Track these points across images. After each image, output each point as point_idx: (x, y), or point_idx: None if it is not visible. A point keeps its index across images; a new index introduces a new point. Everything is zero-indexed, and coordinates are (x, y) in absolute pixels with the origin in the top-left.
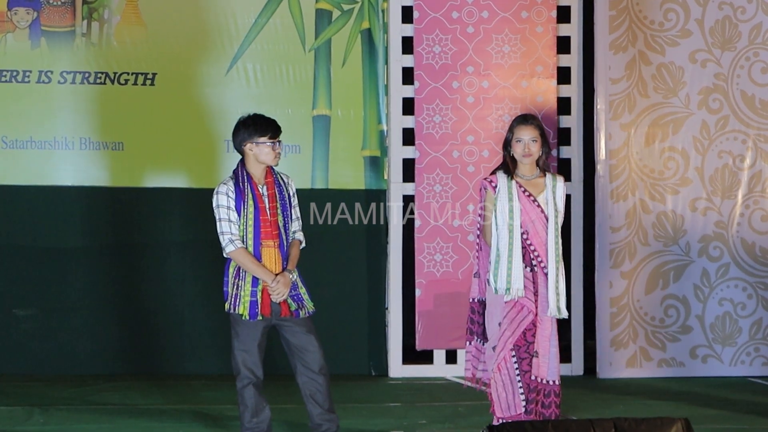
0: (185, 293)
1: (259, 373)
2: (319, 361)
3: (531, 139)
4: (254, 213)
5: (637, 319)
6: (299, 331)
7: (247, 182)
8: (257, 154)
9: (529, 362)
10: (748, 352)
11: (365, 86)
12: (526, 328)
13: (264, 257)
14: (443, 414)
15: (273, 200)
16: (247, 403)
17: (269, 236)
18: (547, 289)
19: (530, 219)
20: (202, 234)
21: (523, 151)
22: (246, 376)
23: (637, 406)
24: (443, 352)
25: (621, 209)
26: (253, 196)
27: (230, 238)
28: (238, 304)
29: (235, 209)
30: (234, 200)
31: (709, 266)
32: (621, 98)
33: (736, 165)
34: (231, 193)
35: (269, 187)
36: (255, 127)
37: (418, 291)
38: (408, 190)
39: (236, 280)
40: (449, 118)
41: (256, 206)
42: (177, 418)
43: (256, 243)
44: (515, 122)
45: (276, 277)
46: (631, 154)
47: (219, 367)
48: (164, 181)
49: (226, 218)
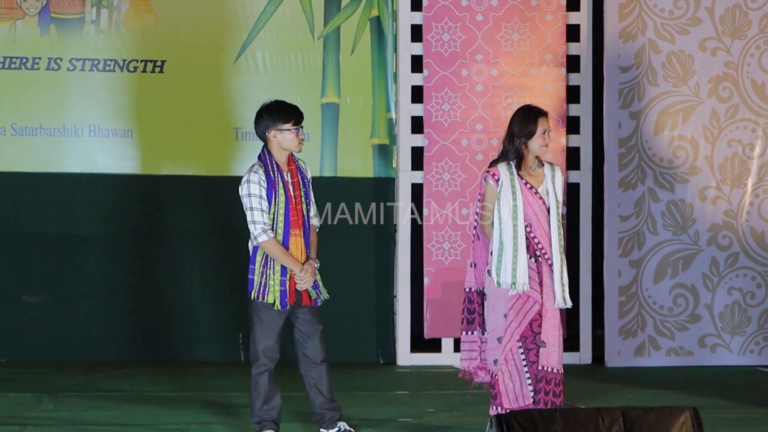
0: (194, 280)
1: (273, 362)
2: (321, 352)
3: (550, 131)
4: (285, 202)
5: (646, 308)
6: (310, 321)
7: (277, 171)
8: (281, 141)
9: (536, 353)
10: (756, 342)
11: (374, 74)
12: (533, 318)
13: (291, 246)
14: (451, 402)
15: (297, 188)
16: (260, 390)
17: (296, 225)
18: (553, 280)
19: (533, 212)
20: (211, 221)
21: (545, 143)
22: (264, 364)
23: (646, 395)
24: (451, 340)
25: (630, 198)
26: (283, 184)
27: (263, 228)
28: (267, 293)
29: (266, 198)
30: (266, 189)
31: (718, 255)
32: (630, 87)
33: (745, 154)
34: (263, 182)
35: (293, 174)
36: (278, 114)
37: (427, 279)
38: (417, 179)
39: (264, 269)
40: (458, 107)
41: (286, 195)
42: (185, 405)
43: (286, 232)
44: (537, 114)
45: (303, 266)
46: (641, 142)
47: (227, 355)
48: (173, 169)
49: (258, 207)
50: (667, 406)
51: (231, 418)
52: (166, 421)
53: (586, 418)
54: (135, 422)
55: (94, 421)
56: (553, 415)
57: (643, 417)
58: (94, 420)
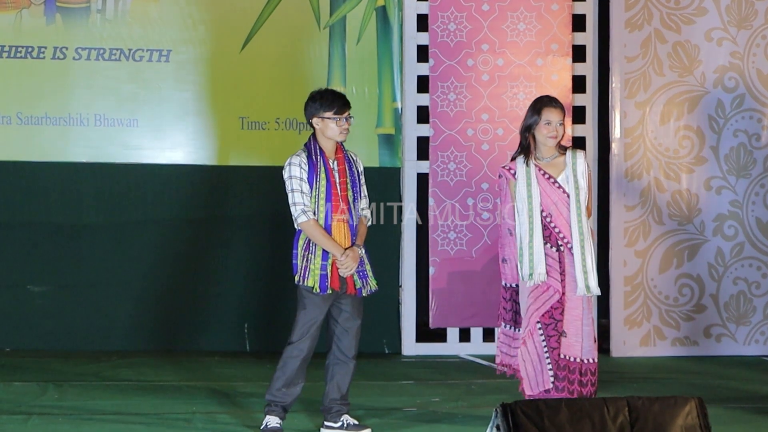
0: (199, 270)
1: (309, 349)
2: (354, 348)
3: (559, 122)
4: (326, 186)
5: (651, 298)
6: (350, 314)
7: (320, 155)
8: (323, 128)
9: (557, 339)
10: (762, 331)
11: (380, 64)
12: (553, 306)
13: (334, 231)
14: (456, 392)
15: (343, 175)
16: (285, 371)
17: (339, 210)
18: (574, 268)
19: (552, 201)
20: (217, 210)
21: (550, 134)
22: (299, 348)
23: (651, 385)
24: (456, 330)
25: (636, 188)
26: (325, 169)
27: (303, 209)
28: (308, 276)
29: (308, 181)
30: (306, 172)
31: (723, 245)
32: (636, 76)
33: (751, 144)
34: (304, 165)
35: (339, 162)
36: (321, 102)
37: (432, 269)
38: (422, 168)
39: (306, 252)
40: (464, 96)
41: (328, 180)
42: (190, 394)
43: (328, 217)
44: (542, 104)
45: (345, 252)
46: (646, 132)
47: (233, 344)
48: (179, 158)
49: (299, 189)
50: (672, 396)
51: (236, 408)
52: (171, 410)
53: (591, 407)
54: (140, 411)
55: (100, 410)
56: (558, 405)
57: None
58: (100, 409)
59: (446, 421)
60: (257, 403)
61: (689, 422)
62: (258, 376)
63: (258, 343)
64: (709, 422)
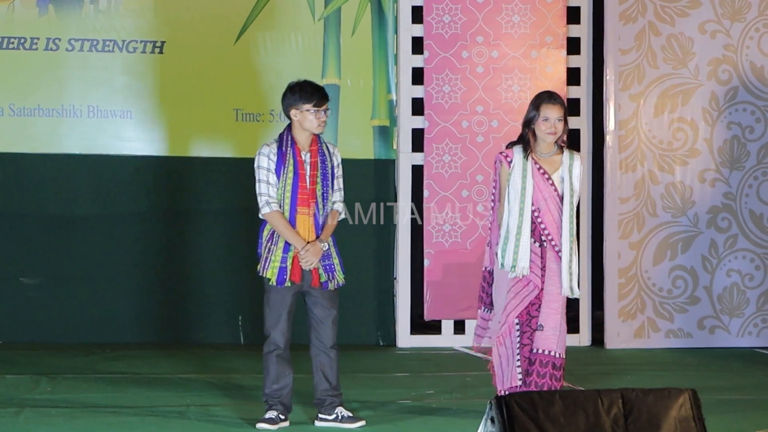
0: (193, 262)
1: (282, 341)
2: (332, 338)
3: (557, 119)
4: (293, 178)
5: (645, 290)
6: (323, 304)
7: (290, 147)
8: (301, 120)
9: (529, 336)
10: (755, 323)
11: (375, 55)
12: (531, 302)
13: (298, 224)
14: (451, 384)
15: (314, 168)
16: (269, 370)
17: (305, 203)
18: (560, 267)
19: (542, 197)
20: (211, 203)
21: (548, 130)
22: (272, 343)
23: (645, 376)
24: (451, 322)
25: (630, 180)
26: (294, 161)
27: (266, 200)
28: (267, 268)
29: (275, 172)
30: (275, 163)
31: (717, 237)
32: (630, 69)
33: (744, 136)
34: (272, 156)
35: (313, 155)
36: (300, 94)
37: (427, 261)
38: (417, 160)
39: (269, 243)
40: (458, 88)
41: (296, 172)
42: (184, 387)
43: (292, 209)
44: (541, 100)
45: (306, 245)
46: (640, 125)
47: (227, 337)
48: (173, 150)
49: (265, 180)
50: (665, 388)
51: (230, 400)
52: (165, 403)
53: (586, 399)
54: (134, 404)
55: (93, 403)
56: (552, 397)
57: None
58: (93, 402)
59: (441, 413)
60: (251, 395)
61: (683, 414)
62: (252, 368)
63: (252, 336)
64: (702, 414)
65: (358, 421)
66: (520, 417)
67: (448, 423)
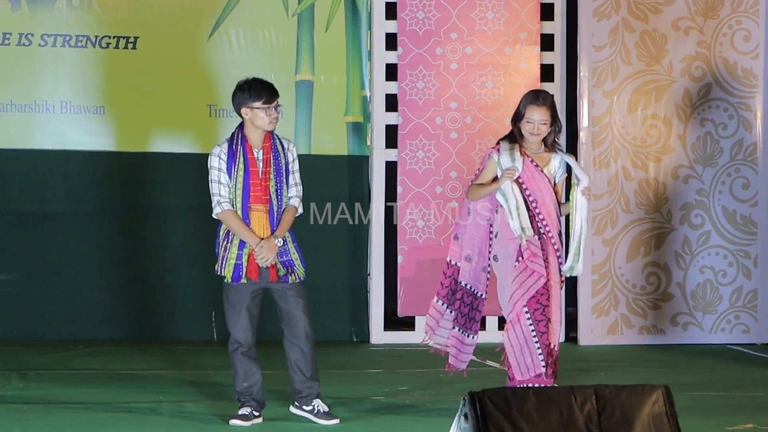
0: (166, 259)
1: (245, 339)
2: (304, 329)
3: (541, 122)
4: (244, 176)
5: (619, 287)
6: (289, 296)
7: (241, 145)
8: (252, 118)
9: (545, 324)
10: (728, 320)
11: (348, 52)
12: (539, 291)
13: (252, 221)
14: (424, 380)
15: (267, 165)
16: (236, 368)
17: (258, 200)
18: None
19: (539, 188)
20: (183, 199)
21: (531, 131)
22: (235, 341)
23: (618, 373)
24: (425, 318)
25: (603, 176)
26: (244, 159)
27: (218, 200)
28: (225, 266)
29: (226, 171)
30: (225, 162)
31: (690, 234)
32: (604, 65)
33: (718, 133)
34: (223, 155)
35: (265, 151)
36: (250, 92)
37: (400, 257)
38: (391, 157)
39: (225, 242)
40: (432, 85)
41: (247, 169)
42: (157, 383)
43: (245, 206)
44: (528, 100)
45: (261, 242)
46: (614, 121)
47: (200, 333)
48: (146, 146)
49: (217, 180)
50: (639, 384)
51: (204, 397)
52: (138, 399)
53: (559, 396)
54: (107, 400)
55: (65, 399)
56: (526, 394)
57: (615, 395)
58: (65, 398)
59: (414, 409)
60: (224, 392)
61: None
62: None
63: (225, 332)
64: (675, 410)
65: (333, 419)
66: (494, 413)
67: (422, 419)
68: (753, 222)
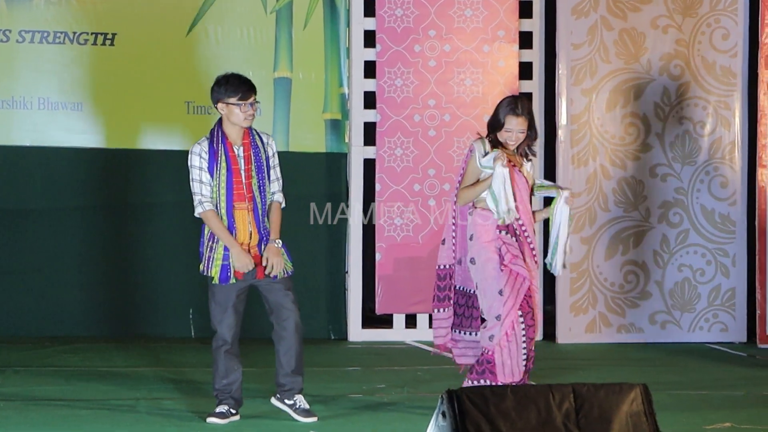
0: (145, 256)
1: (230, 337)
2: (295, 321)
3: (519, 131)
4: (227, 175)
5: (597, 285)
6: (277, 289)
7: (222, 143)
8: (228, 114)
9: (534, 329)
10: (706, 318)
11: (327, 49)
12: (526, 294)
13: (237, 220)
14: (402, 378)
15: (249, 162)
16: (218, 365)
17: (242, 199)
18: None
19: (517, 187)
20: (161, 196)
21: (509, 140)
22: (220, 338)
23: (596, 371)
24: (403, 316)
25: (582, 174)
26: (226, 157)
27: (200, 200)
28: (211, 266)
29: (208, 170)
30: (207, 161)
31: (668, 232)
32: (583, 63)
33: (696, 131)
34: (204, 154)
35: (246, 148)
36: (226, 87)
37: (378, 255)
38: (369, 154)
39: (210, 242)
40: (411, 82)
41: (229, 168)
42: (136, 380)
43: (229, 205)
44: (507, 110)
45: (237, 250)
46: (592, 119)
47: (178, 330)
48: (123, 143)
49: (198, 179)
50: (617, 383)
51: (181, 394)
52: (116, 396)
53: (537, 394)
54: (84, 398)
55: (44, 396)
56: (504, 392)
57: (593, 393)
58: (44, 395)
59: (392, 408)
60: (202, 389)
61: (634, 409)
62: (203, 362)
63: (203, 329)
64: (653, 409)
65: (311, 417)
66: (472, 412)
67: (400, 417)
68: (731, 221)
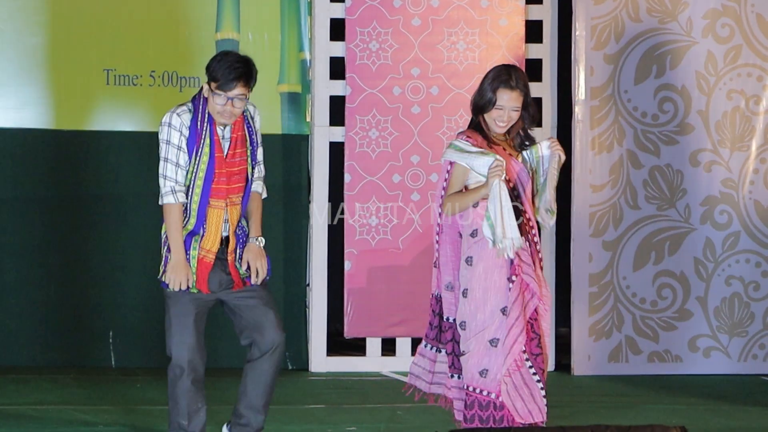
0: (68, 257)
1: (192, 360)
2: (273, 340)
3: (513, 108)
4: (208, 163)
5: (623, 302)
6: (254, 305)
7: (208, 122)
8: (208, 99)
9: (543, 359)
10: (761, 345)
11: (283, 4)
12: (531, 317)
13: (209, 219)
14: (377, 418)
15: (240, 145)
16: (177, 400)
17: (221, 195)
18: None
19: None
20: (80, 187)
21: (500, 119)
22: (178, 365)
23: (622, 410)
24: (378, 340)
25: (604, 163)
26: (210, 141)
27: (172, 187)
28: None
29: (187, 151)
30: (187, 138)
31: (714, 235)
32: (606, 22)
33: (749, 108)
34: (186, 130)
35: (235, 128)
36: (213, 67)
37: (348, 264)
38: (336, 136)
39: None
40: (389, 45)
41: (212, 155)
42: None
43: (203, 201)
44: (497, 82)
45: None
46: (618, 93)
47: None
48: (26, 121)
49: (174, 160)
50: (649, 425)
51: None
52: None
53: None
54: None
55: None
56: None
57: None
58: None
59: None
60: None
61: None
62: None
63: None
64: None
65: None
66: None
67: None
68: None
